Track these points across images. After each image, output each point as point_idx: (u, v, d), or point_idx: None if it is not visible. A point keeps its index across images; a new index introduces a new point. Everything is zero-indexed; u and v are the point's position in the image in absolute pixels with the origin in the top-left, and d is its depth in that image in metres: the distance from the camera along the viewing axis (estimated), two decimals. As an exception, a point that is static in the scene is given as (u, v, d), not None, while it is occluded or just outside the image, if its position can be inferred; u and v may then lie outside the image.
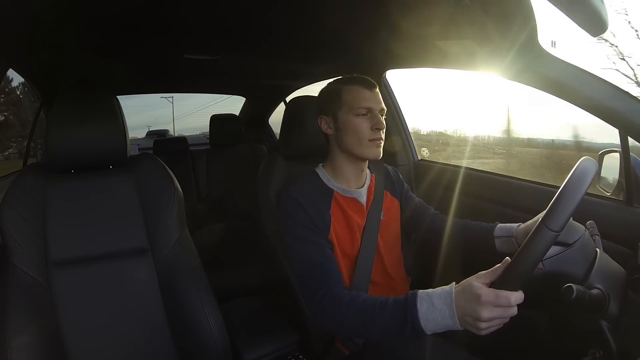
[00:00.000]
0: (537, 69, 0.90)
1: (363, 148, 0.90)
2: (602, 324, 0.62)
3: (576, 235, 0.71)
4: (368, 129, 0.88)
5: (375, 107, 0.89)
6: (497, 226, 0.91)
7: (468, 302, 0.60)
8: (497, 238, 0.89)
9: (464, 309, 0.61)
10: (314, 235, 0.86)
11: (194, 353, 0.88)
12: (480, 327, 0.59)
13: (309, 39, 1.42)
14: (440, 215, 1.05)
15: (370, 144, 0.89)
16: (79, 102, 0.96)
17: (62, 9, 0.99)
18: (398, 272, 1.00)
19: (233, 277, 1.56)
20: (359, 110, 0.88)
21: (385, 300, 0.70)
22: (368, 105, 0.88)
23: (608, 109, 0.81)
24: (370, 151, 0.89)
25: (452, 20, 0.95)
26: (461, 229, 0.99)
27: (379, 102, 0.90)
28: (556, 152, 3.53)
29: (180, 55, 1.61)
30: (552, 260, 0.67)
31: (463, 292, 0.62)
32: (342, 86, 0.92)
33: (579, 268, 0.67)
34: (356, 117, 0.89)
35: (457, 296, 0.62)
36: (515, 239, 0.85)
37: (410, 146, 1.69)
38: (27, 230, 0.87)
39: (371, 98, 0.89)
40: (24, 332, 0.75)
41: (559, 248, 0.68)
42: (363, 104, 0.88)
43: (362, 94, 0.89)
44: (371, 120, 0.88)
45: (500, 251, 0.88)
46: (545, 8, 0.66)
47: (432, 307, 0.64)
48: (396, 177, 1.07)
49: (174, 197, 0.97)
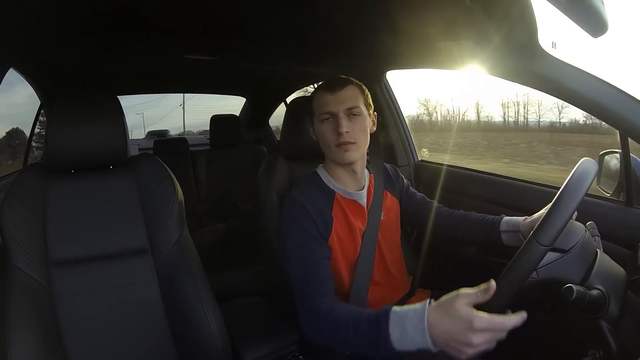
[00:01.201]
0: (537, 70, 0.90)
1: (332, 154, 0.89)
2: (602, 324, 0.62)
3: (574, 239, 0.69)
4: (333, 134, 0.87)
5: (337, 110, 0.86)
6: (502, 220, 0.91)
7: (455, 326, 0.57)
8: (503, 232, 0.89)
9: (449, 333, 0.57)
10: (314, 242, 0.86)
11: (194, 353, 0.88)
12: (467, 352, 0.56)
13: (309, 39, 1.42)
14: (444, 208, 1.05)
15: (337, 149, 0.87)
16: (79, 102, 0.96)
17: (62, 9, 0.99)
18: (400, 271, 1.00)
19: (233, 277, 1.56)
20: (322, 116, 0.88)
21: (358, 318, 0.67)
22: (328, 110, 0.87)
23: (608, 110, 0.81)
24: (338, 156, 0.88)
25: (453, 21, 0.95)
26: (466, 221, 0.98)
27: (341, 103, 0.86)
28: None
29: (180, 55, 1.61)
30: (546, 269, 0.66)
31: (446, 316, 0.58)
32: (314, 92, 0.92)
33: (575, 274, 0.66)
34: (321, 123, 0.88)
35: (438, 320, 0.59)
36: (522, 234, 0.85)
37: (410, 147, 1.69)
38: (27, 230, 0.87)
39: (332, 101, 0.87)
40: (24, 332, 0.75)
41: (555, 255, 0.67)
42: (324, 109, 0.87)
43: (324, 99, 0.88)
44: (332, 125, 0.87)
45: (507, 245, 0.88)
46: (545, 8, 0.66)
47: (404, 332, 0.61)
48: (395, 176, 1.07)
49: (174, 197, 0.97)
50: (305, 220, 0.86)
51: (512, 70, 0.96)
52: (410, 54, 1.36)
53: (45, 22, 1.05)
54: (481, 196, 1.29)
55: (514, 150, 4.87)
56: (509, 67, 0.96)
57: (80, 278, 0.90)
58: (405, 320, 0.61)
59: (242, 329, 0.96)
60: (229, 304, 1.07)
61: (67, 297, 0.88)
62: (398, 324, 0.62)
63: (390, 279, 0.97)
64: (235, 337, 0.92)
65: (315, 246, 0.85)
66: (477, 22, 0.88)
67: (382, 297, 0.93)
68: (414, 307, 0.63)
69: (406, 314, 0.62)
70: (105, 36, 1.28)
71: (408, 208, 1.06)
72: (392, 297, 0.95)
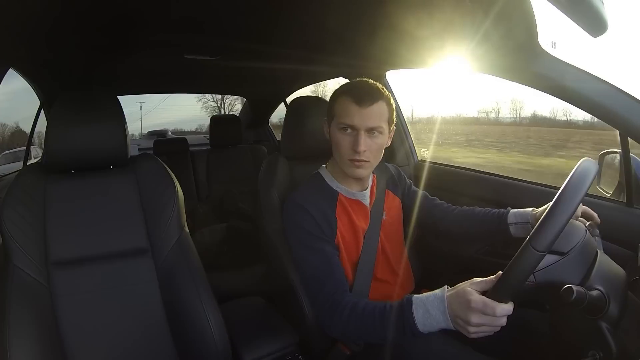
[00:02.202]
0: (537, 70, 0.90)
1: (344, 165, 0.88)
2: (602, 325, 0.62)
3: (573, 241, 0.69)
4: (348, 148, 0.84)
5: (360, 125, 0.82)
6: (510, 212, 0.90)
7: (460, 305, 0.64)
8: (511, 225, 0.89)
9: (456, 311, 0.64)
10: (321, 242, 0.86)
11: (194, 353, 0.88)
12: (470, 331, 0.63)
13: (309, 39, 1.42)
14: (447, 204, 1.05)
15: (350, 164, 0.85)
16: (79, 102, 0.96)
17: (62, 9, 0.99)
18: (404, 269, 1.00)
19: (233, 277, 1.56)
20: (341, 125, 0.84)
21: (382, 308, 0.74)
22: (350, 123, 0.83)
23: (608, 110, 0.81)
24: (348, 170, 0.87)
25: (452, 21, 0.95)
26: (472, 216, 0.98)
27: (366, 120, 0.82)
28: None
29: (180, 55, 1.61)
30: (544, 272, 0.67)
31: (457, 297, 0.65)
32: (339, 93, 0.87)
33: (574, 276, 0.66)
34: (339, 132, 0.85)
35: (451, 300, 0.66)
36: (531, 225, 0.85)
37: (410, 147, 1.69)
38: (28, 230, 0.87)
39: (357, 115, 0.82)
40: (24, 332, 0.75)
41: (554, 258, 0.67)
42: (346, 119, 0.83)
43: (349, 108, 0.83)
44: (351, 139, 0.83)
45: (516, 236, 0.88)
46: (545, 8, 0.66)
47: (427, 313, 0.68)
48: (397, 175, 1.07)
49: (174, 197, 0.97)
50: (308, 222, 0.87)
51: (512, 70, 0.96)
52: (410, 54, 1.36)
53: (45, 22, 1.05)
54: (481, 196, 1.29)
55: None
56: (509, 67, 0.96)
57: (81, 278, 0.90)
58: (427, 304, 0.68)
59: (242, 329, 0.96)
60: (229, 304, 1.07)
61: (67, 297, 0.88)
62: (421, 307, 0.68)
63: (395, 277, 0.97)
64: (235, 337, 0.92)
65: (323, 246, 0.86)
66: (477, 22, 0.88)
67: (387, 295, 0.93)
68: (433, 292, 0.70)
69: (427, 298, 0.69)
70: (105, 36, 1.28)
71: (411, 207, 1.05)
72: (397, 295, 0.95)
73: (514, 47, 0.89)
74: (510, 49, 0.90)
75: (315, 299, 0.84)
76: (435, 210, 1.04)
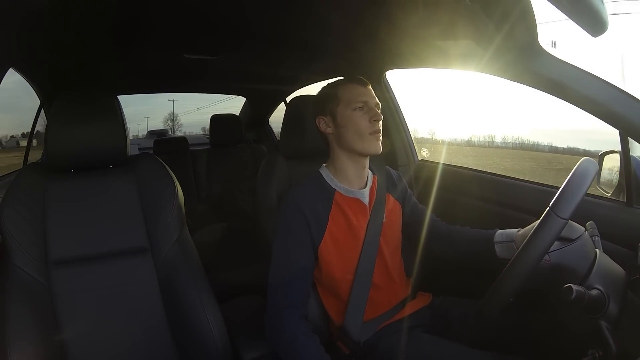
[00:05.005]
0: (537, 70, 0.90)
1: (365, 142, 0.90)
2: (602, 324, 0.62)
3: (578, 232, 0.72)
4: (367, 122, 0.90)
5: (371, 101, 0.92)
6: (496, 232, 0.90)
7: None
8: (497, 244, 0.88)
9: None
10: (301, 248, 0.87)
11: (194, 353, 0.88)
12: None
13: (309, 39, 1.42)
14: (439, 221, 1.04)
15: (371, 138, 0.90)
16: (78, 102, 0.96)
17: (61, 9, 0.99)
18: (400, 275, 0.99)
19: (233, 277, 1.56)
20: (356, 104, 0.91)
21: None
22: (364, 99, 0.91)
23: (608, 110, 0.81)
24: (371, 145, 0.91)
25: (452, 21, 0.95)
26: (461, 235, 0.98)
27: (373, 97, 0.93)
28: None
29: (180, 55, 1.61)
30: (558, 253, 0.69)
31: None
32: (338, 85, 0.95)
33: (581, 264, 0.68)
34: (354, 111, 0.91)
35: None
36: (515, 244, 0.85)
37: (411, 146, 1.69)
38: (27, 229, 0.87)
39: (366, 93, 0.93)
40: (24, 332, 0.75)
41: (564, 242, 0.70)
42: (359, 98, 0.91)
43: (357, 89, 0.93)
44: (368, 113, 0.90)
45: (501, 257, 0.87)
46: (545, 8, 0.66)
47: None
48: (398, 180, 1.06)
49: (174, 196, 0.97)
50: (298, 224, 0.87)
51: (512, 70, 0.96)
52: (410, 54, 1.36)
53: (45, 22, 1.05)
54: (481, 196, 1.29)
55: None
56: (509, 66, 0.96)
57: (80, 277, 0.90)
58: None
59: (242, 329, 0.96)
60: (229, 304, 1.07)
61: (67, 296, 0.88)
62: None
63: (390, 282, 0.96)
64: (235, 337, 0.92)
65: (299, 253, 0.87)
66: (477, 22, 0.88)
67: (381, 302, 0.93)
68: None
69: None
70: (105, 36, 1.28)
71: (406, 215, 1.05)
72: (390, 302, 0.95)
73: (514, 47, 0.89)
74: (510, 49, 0.90)
75: (269, 297, 0.86)
76: (427, 225, 1.02)
